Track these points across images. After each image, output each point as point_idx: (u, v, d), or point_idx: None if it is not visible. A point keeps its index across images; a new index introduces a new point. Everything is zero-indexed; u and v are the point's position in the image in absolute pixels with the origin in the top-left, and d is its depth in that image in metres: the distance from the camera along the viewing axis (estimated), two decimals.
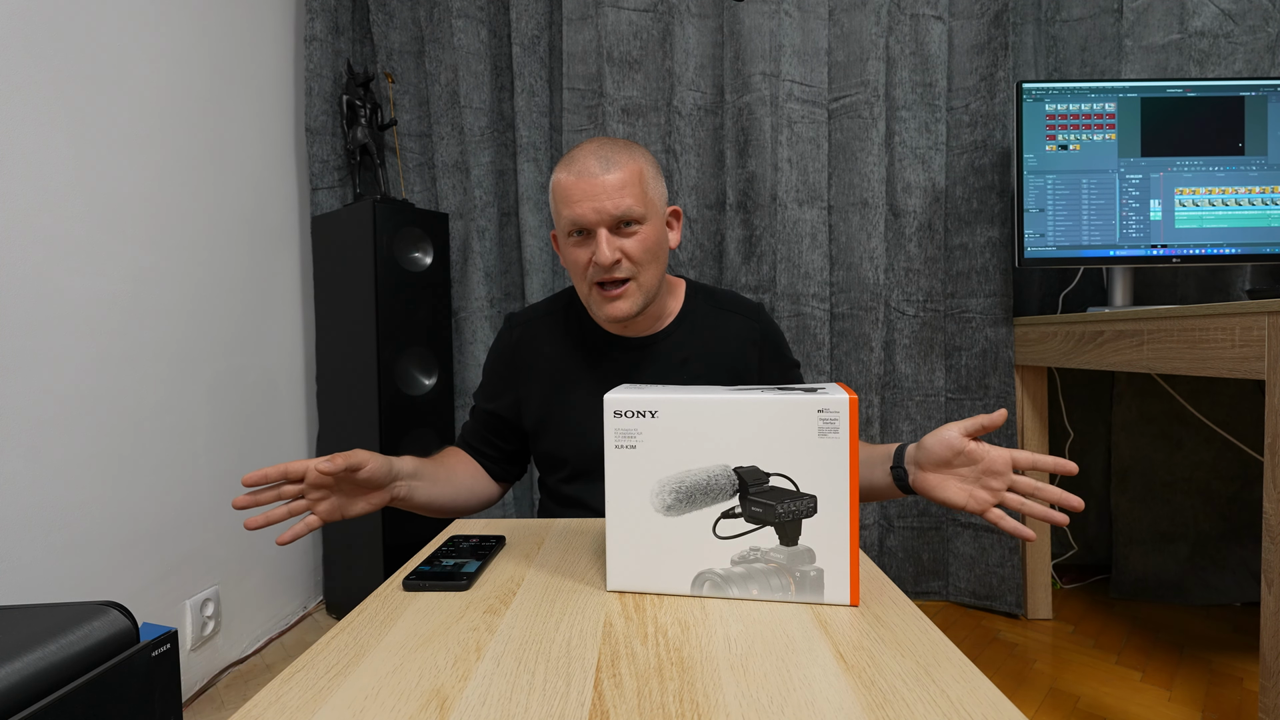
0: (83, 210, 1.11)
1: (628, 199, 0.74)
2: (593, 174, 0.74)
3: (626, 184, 0.75)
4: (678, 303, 0.89)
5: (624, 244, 0.76)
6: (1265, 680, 0.90)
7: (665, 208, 0.82)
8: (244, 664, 1.44)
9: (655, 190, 0.79)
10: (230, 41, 1.47)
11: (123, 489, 1.17)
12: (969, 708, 0.37)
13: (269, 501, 0.63)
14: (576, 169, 0.75)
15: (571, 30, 1.66)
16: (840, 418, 0.50)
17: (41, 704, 0.57)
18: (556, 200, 0.78)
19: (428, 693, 0.39)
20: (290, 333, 1.67)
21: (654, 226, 0.78)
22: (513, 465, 0.94)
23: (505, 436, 0.91)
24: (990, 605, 1.55)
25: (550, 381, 0.86)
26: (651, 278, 0.78)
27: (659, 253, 0.79)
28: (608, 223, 0.75)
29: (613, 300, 0.77)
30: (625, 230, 0.76)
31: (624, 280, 0.77)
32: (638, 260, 0.76)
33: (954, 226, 1.58)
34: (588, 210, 0.74)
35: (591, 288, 0.78)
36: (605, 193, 0.74)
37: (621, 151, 0.77)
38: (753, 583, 0.52)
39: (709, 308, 0.90)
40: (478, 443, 0.91)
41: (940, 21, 1.54)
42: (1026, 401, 1.54)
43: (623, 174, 0.75)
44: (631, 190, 0.75)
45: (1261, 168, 1.37)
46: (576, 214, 0.75)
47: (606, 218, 0.74)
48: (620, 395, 0.54)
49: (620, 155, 0.76)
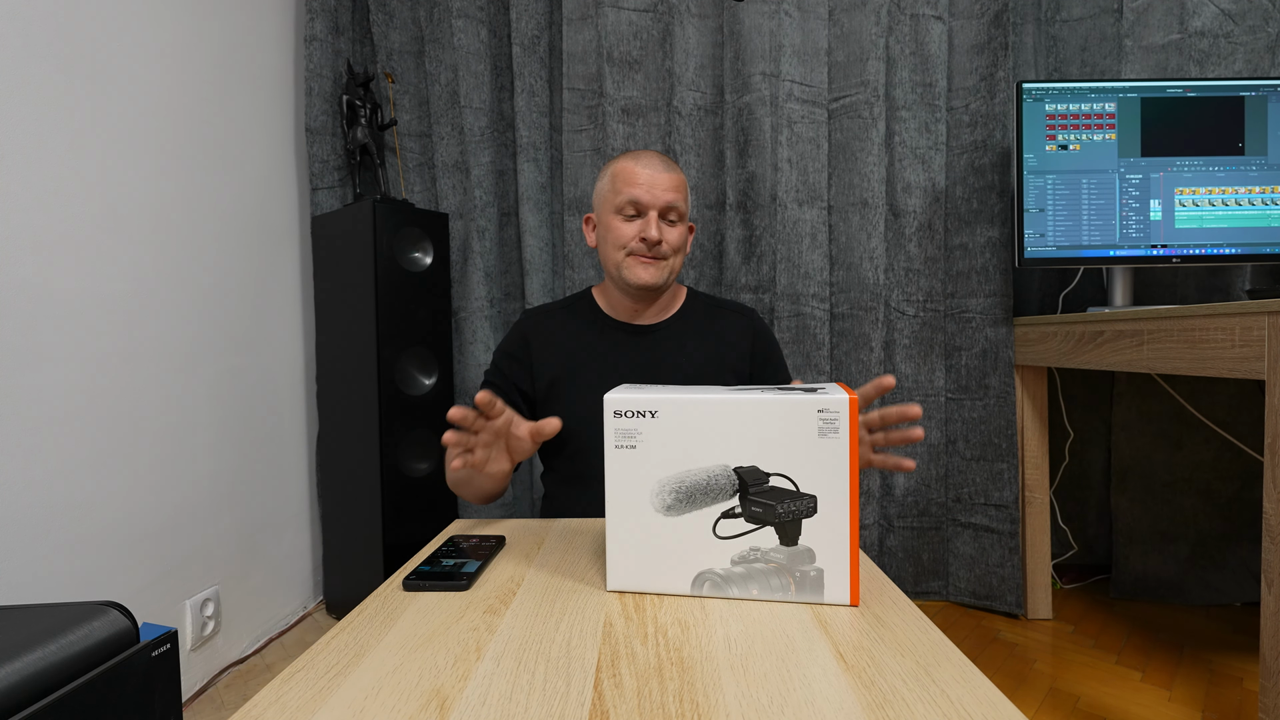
0: (83, 210, 1.11)
1: (678, 196, 0.92)
2: (656, 168, 0.91)
3: (679, 186, 0.93)
4: (679, 302, 1.03)
5: (666, 230, 0.92)
6: (1265, 680, 0.90)
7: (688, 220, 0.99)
8: (244, 664, 1.44)
9: (689, 203, 0.98)
10: (230, 41, 1.47)
11: (123, 489, 1.17)
12: (969, 708, 0.37)
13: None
14: (644, 162, 0.92)
15: (571, 30, 1.66)
16: (840, 418, 0.50)
17: (41, 704, 0.57)
18: (619, 180, 0.92)
19: (428, 693, 0.39)
20: (290, 332, 1.67)
21: (686, 229, 0.96)
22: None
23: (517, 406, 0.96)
24: (990, 605, 1.55)
25: (563, 352, 0.97)
26: (677, 265, 0.95)
27: (685, 249, 0.96)
28: (661, 208, 0.91)
29: (648, 265, 0.91)
30: (668, 221, 0.92)
31: (665, 255, 0.92)
32: (674, 246, 0.93)
33: (954, 226, 1.58)
34: (648, 194, 0.90)
35: (628, 256, 0.92)
36: (665, 186, 0.91)
37: (676, 164, 0.97)
38: (753, 583, 0.52)
39: (707, 307, 1.03)
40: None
41: (940, 21, 1.54)
42: (1026, 401, 1.54)
43: (678, 178, 0.93)
44: (681, 192, 0.93)
45: (1261, 168, 1.37)
46: (639, 194, 0.90)
47: (661, 204, 0.91)
48: (620, 395, 0.54)
49: (676, 166, 0.94)
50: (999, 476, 1.54)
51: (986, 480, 1.55)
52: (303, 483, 1.70)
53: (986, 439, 1.55)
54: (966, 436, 1.58)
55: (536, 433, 0.71)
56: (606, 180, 0.95)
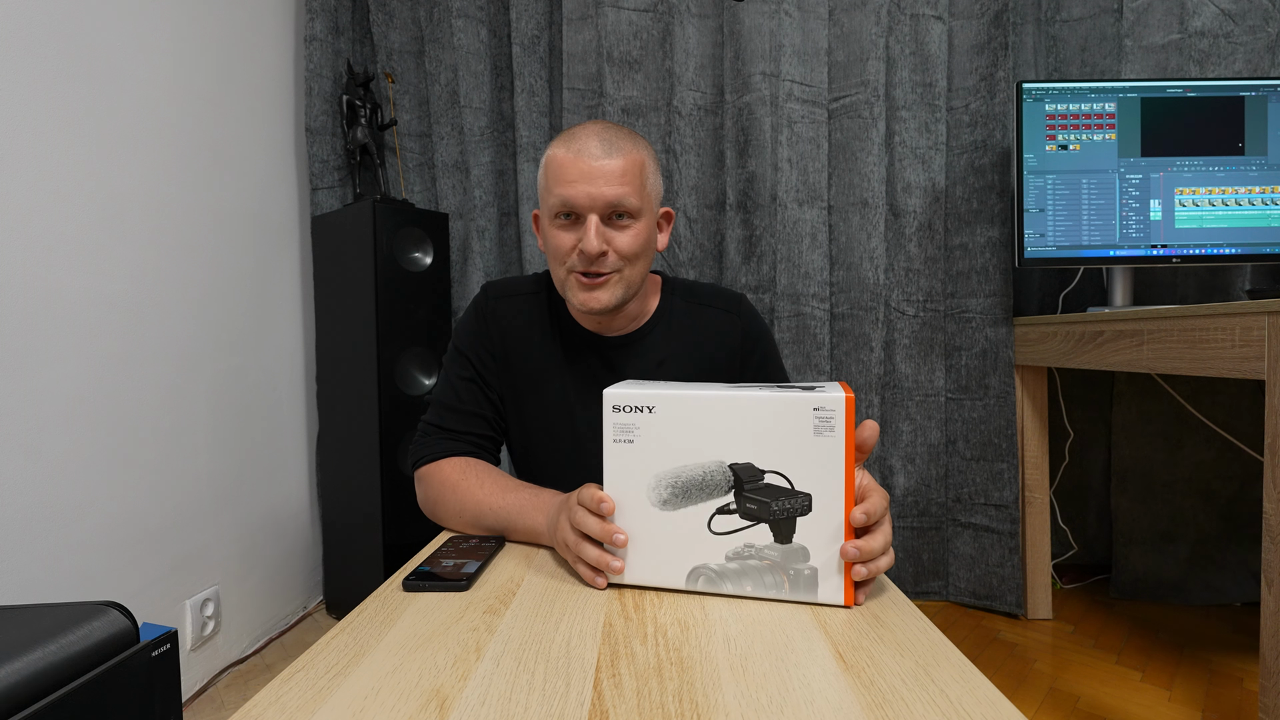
0: (83, 210, 1.11)
1: (625, 188, 0.69)
2: (593, 155, 0.69)
3: (626, 172, 0.69)
4: (654, 301, 0.85)
5: (614, 236, 0.70)
6: (1265, 680, 0.90)
7: (659, 206, 0.78)
8: (244, 664, 1.44)
9: (653, 186, 0.74)
10: (230, 41, 1.47)
11: (123, 489, 1.17)
12: (968, 707, 0.37)
13: None
14: (576, 147, 0.69)
15: (571, 30, 1.66)
16: (836, 416, 0.50)
17: (41, 704, 0.57)
18: (549, 176, 0.71)
19: (427, 693, 0.39)
20: (290, 333, 1.67)
21: (647, 224, 0.73)
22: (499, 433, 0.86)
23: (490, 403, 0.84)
24: (990, 605, 1.55)
25: (522, 372, 0.83)
26: (636, 275, 0.74)
27: (648, 251, 0.74)
28: (600, 210, 0.69)
29: (591, 290, 0.72)
30: (617, 222, 0.71)
31: (609, 273, 0.71)
32: (626, 255, 0.71)
33: (954, 226, 1.58)
34: (582, 193, 0.68)
35: (569, 274, 0.72)
36: (603, 177, 0.68)
37: (625, 139, 0.71)
38: (747, 579, 0.52)
39: (687, 304, 0.85)
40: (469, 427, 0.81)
41: (940, 21, 1.54)
42: (1026, 401, 1.54)
43: (624, 161, 0.69)
44: (630, 180, 0.70)
45: (1261, 168, 1.37)
46: (569, 195, 0.69)
47: (600, 204, 0.69)
48: (619, 390, 0.54)
49: (624, 142, 0.71)
50: (999, 476, 1.54)
51: (986, 480, 1.55)
52: (303, 483, 1.70)
53: (986, 439, 1.55)
54: (966, 436, 1.58)
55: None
56: (541, 172, 0.75)
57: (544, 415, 0.83)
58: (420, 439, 0.82)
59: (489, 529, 0.71)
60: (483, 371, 0.83)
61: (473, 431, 0.81)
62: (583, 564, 0.57)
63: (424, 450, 0.80)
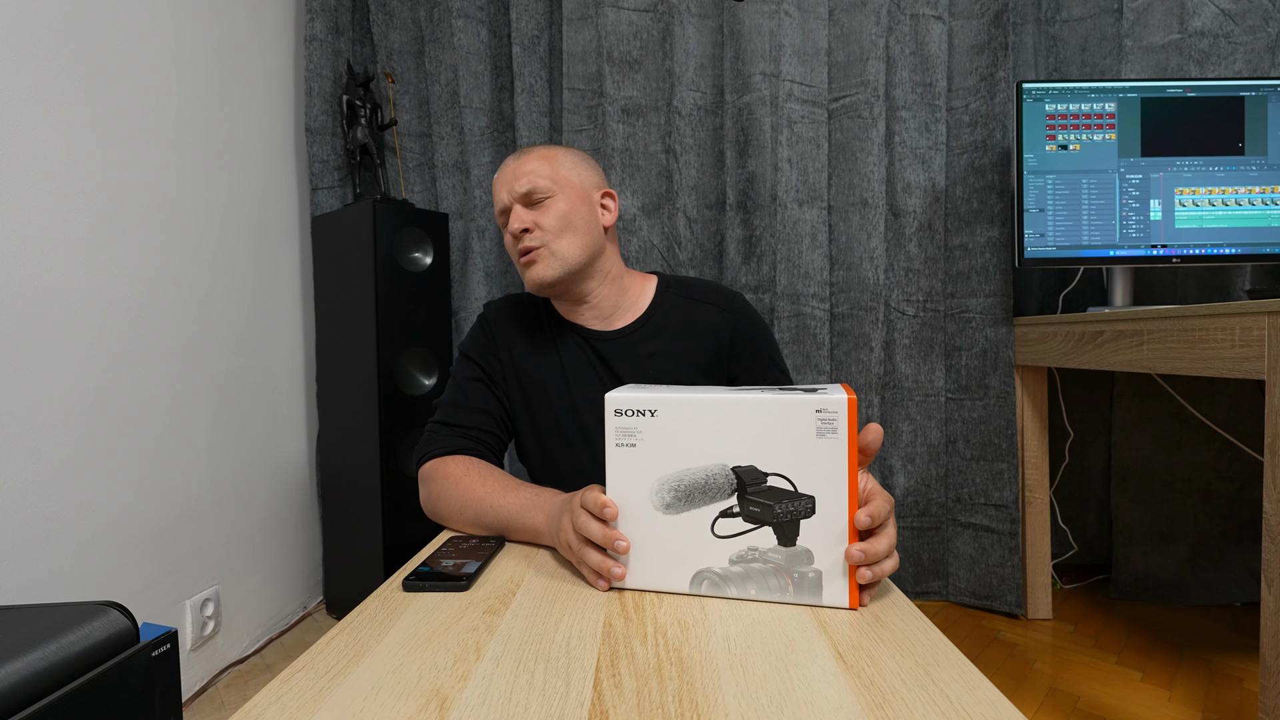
0: (83, 210, 1.11)
1: (536, 176, 0.82)
2: (509, 163, 0.85)
3: (536, 165, 0.83)
4: (647, 298, 0.91)
5: (535, 215, 0.82)
6: (1265, 680, 0.90)
7: (593, 190, 0.87)
8: (244, 664, 1.44)
9: (571, 172, 0.85)
10: (230, 41, 1.47)
11: (123, 489, 1.17)
12: (968, 708, 0.37)
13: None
14: (506, 162, 0.86)
15: (571, 30, 1.66)
16: (839, 418, 0.50)
17: (41, 704, 0.57)
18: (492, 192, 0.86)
19: (427, 693, 0.39)
20: (290, 333, 1.67)
21: (566, 200, 0.83)
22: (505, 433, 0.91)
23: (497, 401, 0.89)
24: (990, 605, 1.55)
25: (526, 370, 0.89)
26: (568, 247, 0.82)
27: (574, 223, 0.83)
28: (520, 199, 0.82)
29: (529, 266, 0.83)
30: (536, 205, 0.83)
31: (535, 247, 0.82)
32: (547, 228, 0.82)
33: (954, 226, 1.58)
34: (505, 190, 0.83)
35: (518, 261, 0.85)
36: (515, 175, 0.83)
37: (540, 147, 0.87)
38: (751, 582, 0.52)
39: (680, 300, 0.90)
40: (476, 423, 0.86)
41: (940, 21, 1.54)
42: (1026, 401, 1.54)
43: (533, 160, 0.84)
44: (539, 170, 0.83)
45: (1261, 168, 1.37)
46: (498, 196, 0.85)
47: (517, 195, 0.82)
48: (621, 394, 0.54)
49: (537, 149, 0.86)
50: (999, 476, 1.54)
51: (986, 480, 1.55)
52: (303, 483, 1.70)
53: (986, 439, 1.55)
54: (966, 436, 1.58)
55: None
56: None
57: (550, 410, 0.88)
58: (427, 437, 0.85)
59: (489, 527, 0.71)
60: (490, 371, 0.89)
61: (480, 427, 0.85)
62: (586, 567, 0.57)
63: (429, 446, 0.83)
